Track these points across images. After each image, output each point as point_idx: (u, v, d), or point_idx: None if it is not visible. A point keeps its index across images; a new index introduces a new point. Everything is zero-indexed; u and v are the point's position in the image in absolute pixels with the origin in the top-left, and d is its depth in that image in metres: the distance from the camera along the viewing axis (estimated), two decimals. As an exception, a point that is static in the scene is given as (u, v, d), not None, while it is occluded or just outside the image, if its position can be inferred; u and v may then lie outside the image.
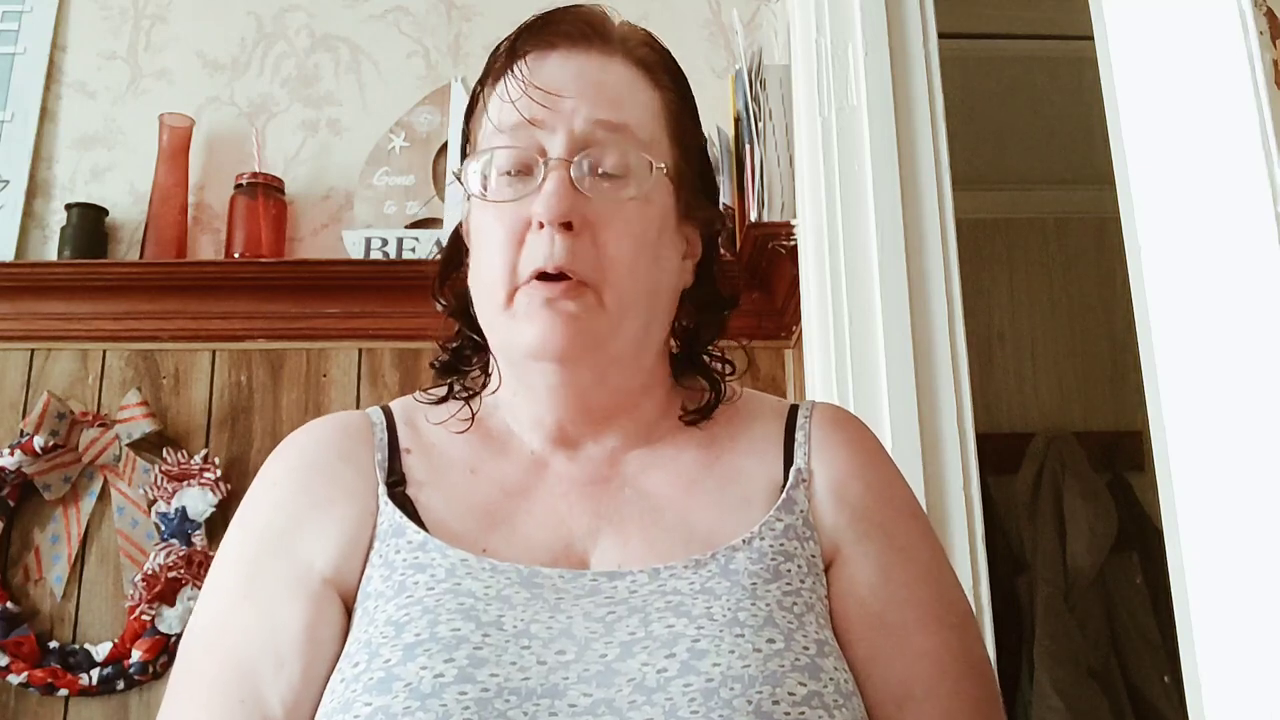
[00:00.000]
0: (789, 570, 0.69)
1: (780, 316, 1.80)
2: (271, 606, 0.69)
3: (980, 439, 1.39)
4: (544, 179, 0.71)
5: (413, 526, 0.71)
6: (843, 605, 0.71)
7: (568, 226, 0.70)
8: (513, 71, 0.74)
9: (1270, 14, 0.57)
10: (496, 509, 0.72)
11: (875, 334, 1.39)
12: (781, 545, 0.71)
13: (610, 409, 0.76)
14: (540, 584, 0.67)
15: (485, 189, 0.74)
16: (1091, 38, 0.74)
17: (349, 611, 0.70)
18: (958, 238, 1.45)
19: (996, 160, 2.61)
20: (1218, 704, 0.55)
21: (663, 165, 0.74)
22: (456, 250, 0.82)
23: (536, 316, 0.70)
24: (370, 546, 0.71)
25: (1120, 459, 2.51)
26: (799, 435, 0.77)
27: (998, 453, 2.17)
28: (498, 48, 0.77)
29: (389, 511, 0.72)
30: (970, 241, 1.64)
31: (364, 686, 0.62)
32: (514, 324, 0.72)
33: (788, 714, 0.61)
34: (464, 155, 0.81)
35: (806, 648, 0.65)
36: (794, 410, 0.80)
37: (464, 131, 0.81)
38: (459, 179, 0.78)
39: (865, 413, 1.36)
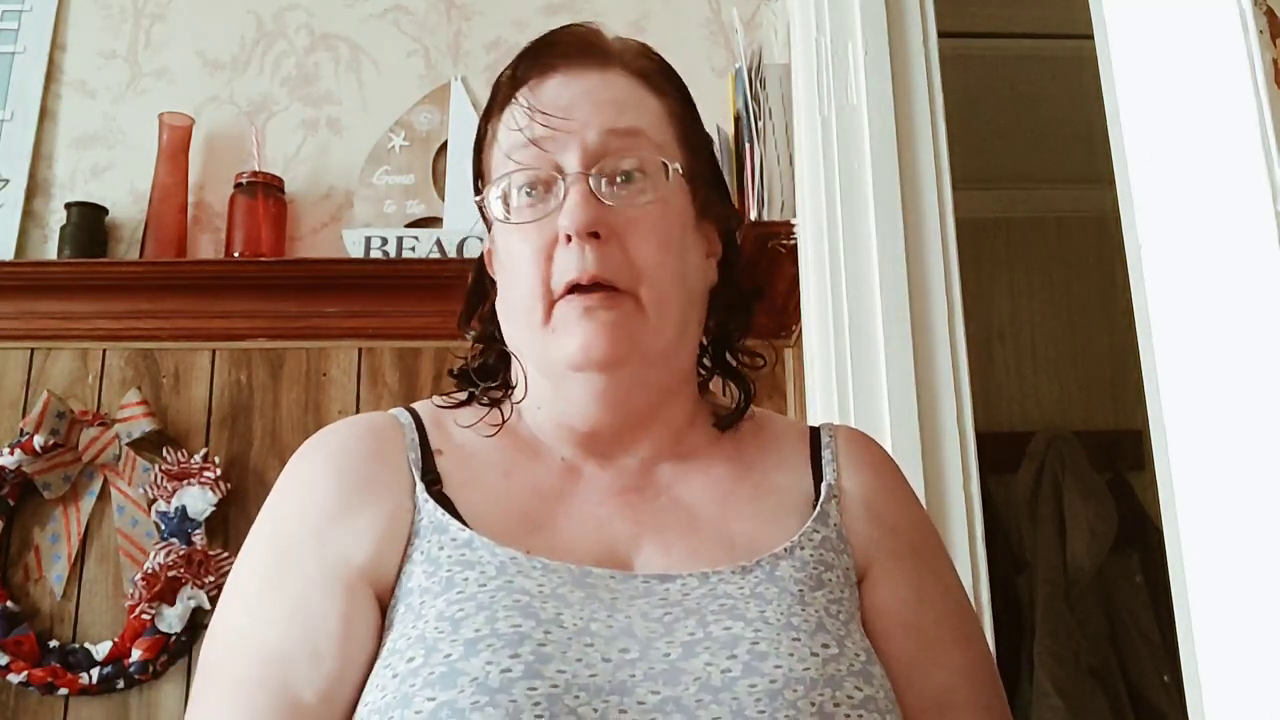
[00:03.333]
0: (830, 580, 0.72)
1: (780, 315, 1.80)
2: (306, 600, 0.69)
3: (980, 438, 1.39)
4: (565, 194, 0.72)
5: (456, 524, 0.70)
6: (880, 616, 0.74)
7: (595, 236, 0.71)
8: (516, 100, 0.75)
9: (1270, 13, 0.57)
10: (534, 512, 0.73)
11: (875, 333, 1.39)
12: (820, 556, 0.73)
13: (643, 412, 0.76)
14: (593, 584, 0.67)
15: (508, 212, 0.75)
16: (1091, 37, 0.74)
17: (382, 608, 0.70)
18: (958, 237, 1.45)
19: (996, 160, 2.60)
20: (1218, 704, 0.55)
21: (678, 166, 0.76)
22: (481, 282, 0.83)
23: (576, 328, 0.71)
24: (409, 543, 0.70)
25: (1120, 458, 2.51)
26: (825, 453, 0.80)
27: (998, 452, 2.17)
28: (499, 79, 0.78)
29: (429, 509, 0.71)
30: (970, 241, 1.63)
31: (424, 681, 0.61)
32: (554, 338, 0.72)
33: (848, 716, 0.63)
34: (478, 189, 0.82)
35: (858, 654, 0.67)
36: (815, 430, 0.83)
37: (476, 164, 0.82)
38: (482, 211, 0.80)
39: (865, 412, 1.36)
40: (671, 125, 0.78)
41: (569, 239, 0.71)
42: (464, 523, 0.70)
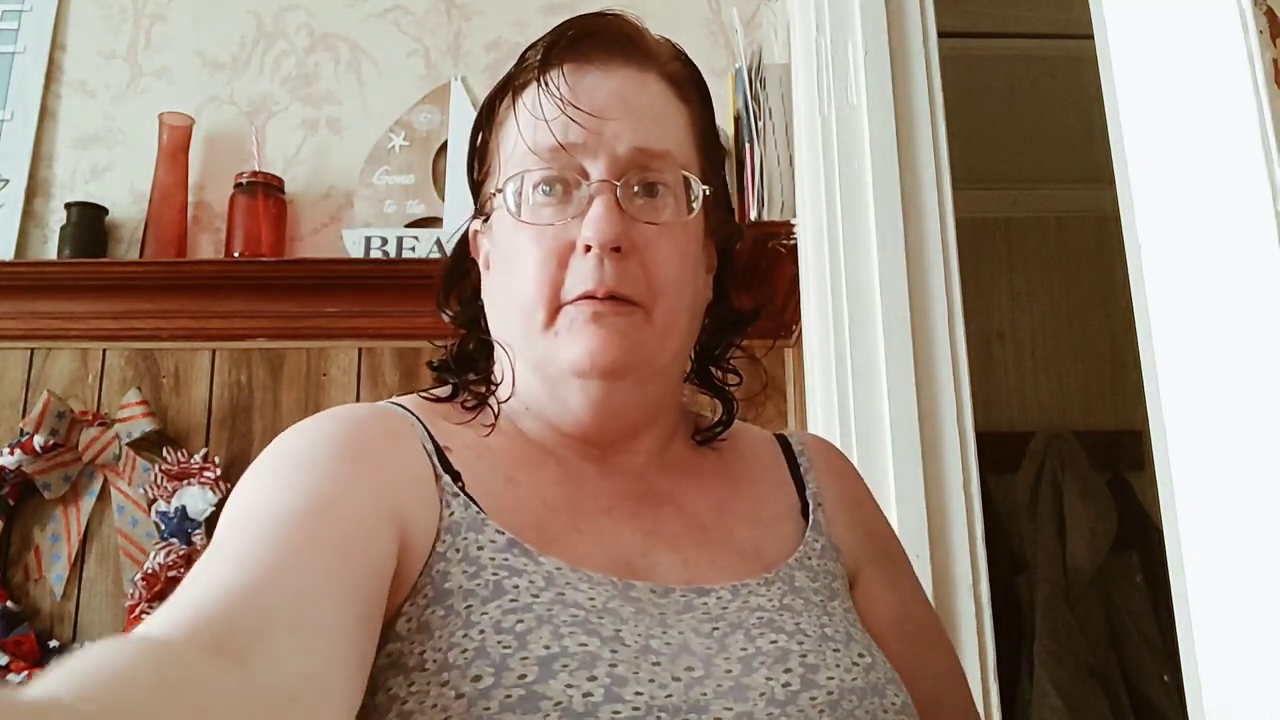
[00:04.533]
0: (838, 589, 0.72)
1: (780, 315, 1.80)
2: (345, 491, 0.60)
3: (980, 438, 1.39)
4: (590, 201, 0.69)
5: (494, 525, 0.65)
6: (874, 622, 0.74)
7: (616, 250, 0.68)
8: (546, 85, 0.71)
9: (1270, 13, 0.57)
10: (543, 522, 0.69)
11: (875, 333, 1.39)
12: (825, 565, 0.73)
13: (636, 422, 0.74)
14: (638, 597, 0.65)
15: (520, 209, 0.71)
16: (1091, 37, 0.74)
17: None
18: (958, 237, 1.45)
19: (996, 159, 2.61)
20: (1217, 704, 0.55)
21: (707, 188, 0.73)
22: (461, 263, 0.80)
23: (582, 333, 0.68)
24: (437, 536, 0.64)
25: (1120, 458, 2.51)
26: (801, 462, 0.80)
27: (998, 452, 2.17)
28: (524, 57, 0.74)
29: (459, 504, 0.66)
30: (970, 241, 1.63)
31: (500, 705, 0.56)
32: (557, 341, 0.69)
33: None
34: (478, 165, 0.78)
35: (885, 662, 0.68)
36: (783, 439, 0.83)
37: (480, 140, 0.77)
38: (479, 195, 0.76)
39: (865, 412, 1.36)
40: (694, 136, 0.76)
41: (587, 249, 0.68)
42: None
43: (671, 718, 0.58)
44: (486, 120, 0.77)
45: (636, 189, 0.70)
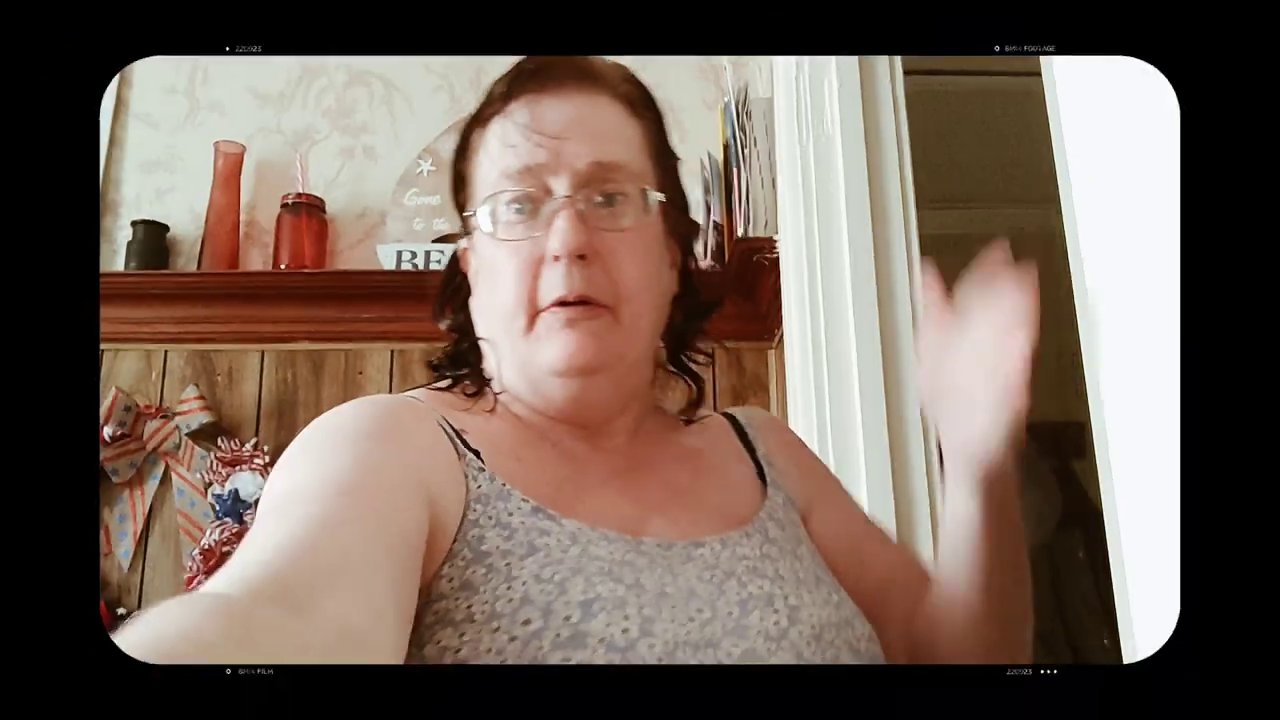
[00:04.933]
0: (801, 536, 0.75)
1: (764, 321, 1.80)
2: (379, 475, 0.59)
3: (941, 429, 1.39)
4: (555, 216, 0.70)
5: (519, 494, 0.65)
6: (823, 541, 0.77)
7: (581, 257, 0.69)
8: (510, 116, 0.72)
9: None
10: (553, 497, 0.68)
11: (848, 336, 1.39)
12: (789, 516, 0.76)
13: (614, 409, 0.76)
14: (647, 551, 0.66)
15: (495, 227, 0.72)
16: (1039, 74, 0.75)
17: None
18: (921, 251, 1.46)
19: (956, 183, 2.61)
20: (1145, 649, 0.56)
21: (661, 196, 0.74)
22: (454, 278, 0.81)
23: (558, 336, 0.69)
24: (466, 506, 0.63)
25: (1064, 447, 2.51)
26: (749, 431, 0.83)
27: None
28: (491, 92, 0.75)
29: (485, 478, 0.66)
30: (932, 254, 1.64)
31: (551, 644, 0.57)
32: (537, 345, 0.70)
33: (867, 649, 0.67)
34: (458, 192, 0.79)
35: (849, 598, 0.70)
36: (729, 416, 0.86)
37: (457, 170, 0.78)
38: (463, 217, 0.77)
39: (839, 407, 1.37)
40: (648, 149, 0.76)
41: (556, 259, 0.69)
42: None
43: (693, 651, 0.60)
44: (462, 151, 0.78)
45: (598, 199, 0.71)
